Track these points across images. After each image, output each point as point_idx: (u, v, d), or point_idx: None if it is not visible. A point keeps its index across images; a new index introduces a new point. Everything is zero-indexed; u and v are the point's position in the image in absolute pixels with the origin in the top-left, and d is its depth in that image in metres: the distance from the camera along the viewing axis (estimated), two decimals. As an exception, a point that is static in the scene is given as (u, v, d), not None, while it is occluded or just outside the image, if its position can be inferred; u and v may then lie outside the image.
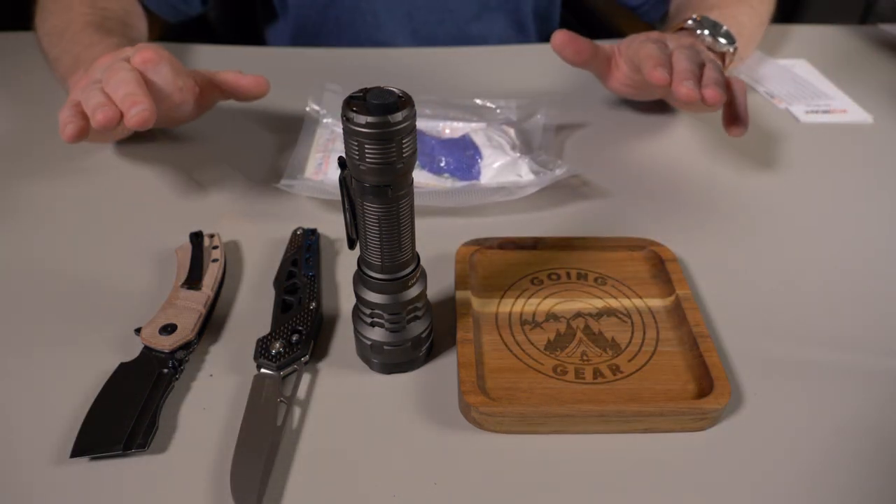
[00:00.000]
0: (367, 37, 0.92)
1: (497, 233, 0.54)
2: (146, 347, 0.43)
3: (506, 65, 0.84)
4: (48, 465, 0.37)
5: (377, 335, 0.42)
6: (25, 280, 0.50)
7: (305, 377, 0.43)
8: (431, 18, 0.91)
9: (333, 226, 0.56)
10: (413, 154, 0.36)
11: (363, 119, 0.33)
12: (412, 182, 0.37)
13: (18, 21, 0.78)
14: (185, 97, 0.58)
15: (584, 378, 0.42)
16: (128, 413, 0.39)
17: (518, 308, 0.47)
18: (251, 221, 0.57)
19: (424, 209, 0.57)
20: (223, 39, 0.95)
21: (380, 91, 0.34)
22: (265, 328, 0.45)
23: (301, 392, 0.42)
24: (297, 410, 0.41)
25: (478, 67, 0.82)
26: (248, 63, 0.80)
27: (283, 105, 0.72)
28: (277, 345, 0.42)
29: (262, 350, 0.42)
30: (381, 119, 0.33)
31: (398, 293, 0.40)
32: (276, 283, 0.49)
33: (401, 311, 0.41)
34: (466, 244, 0.52)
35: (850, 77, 0.81)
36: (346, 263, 0.53)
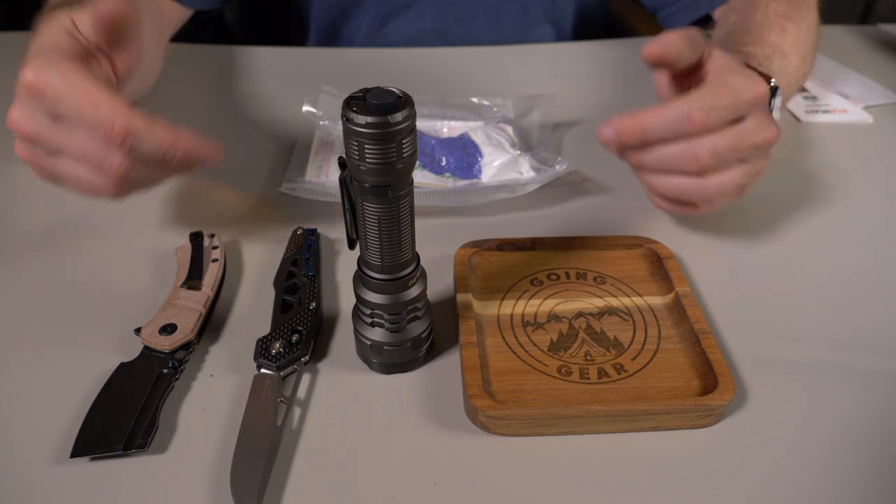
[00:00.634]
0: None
1: (497, 232, 0.54)
2: (146, 347, 0.43)
3: (502, 64, 0.84)
4: (48, 465, 0.37)
5: (377, 335, 0.42)
6: (25, 280, 0.50)
7: (305, 377, 0.43)
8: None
9: (333, 226, 0.56)
10: (413, 154, 0.36)
11: (363, 119, 0.33)
12: (412, 182, 0.37)
13: (18, 21, 0.78)
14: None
15: (589, 378, 0.42)
16: (128, 413, 0.39)
17: (519, 309, 0.47)
18: (251, 221, 0.57)
19: (425, 209, 0.57)
20: (239, 41, 0.95)
21: (380, 91, 0.34)
22: (265, 328, 0.45)
23: (301, 392, 0.42)
24: (297, 410, 0.41)
25: (473, 67, 0.82)
26: (248, 63, 0.81)
27: (282, 105, 0.72)
28: (277, 345, 0.42)
29: (262, 350, 0.42)
30: (381, 119, 0.33)
31: (398, 293, 0.40)
32: (276, 283, 0.49)
33: (401, 312, 0.41)
34: (464, 246, 0.52)
35: (850, 77, 0.81)
36: (346, 263, 0.53)
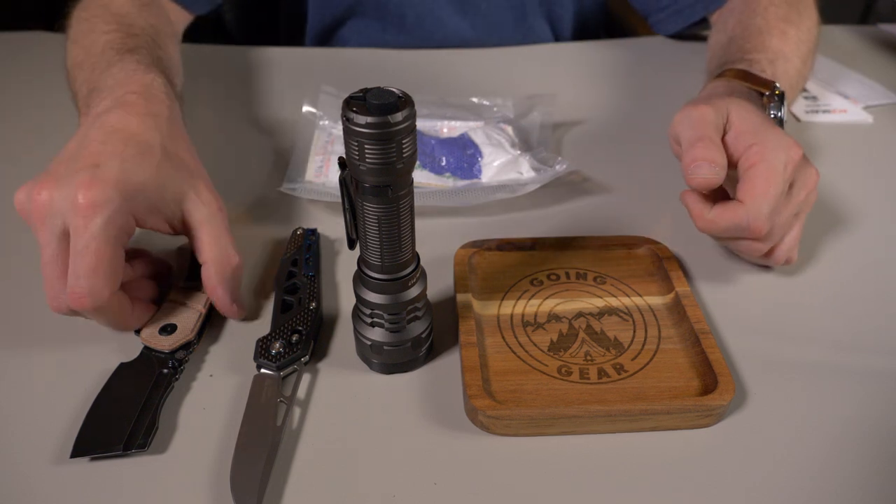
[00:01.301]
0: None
1: (497, 232, 0.54)
2: (146, 347, 0.43)
3: (502, 64, 0.84)
4: (48, 465, 0.37)
5: (377, 335, 0.42)
6: (25, 280, 0.50)
7: (305, 377, 0.43)
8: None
9: (333, 226, 0.56)
10: (413, 154, 0.36)
11: (363, 119, 0.33)
12: (412, 182, 0.37)
13: (18, 21, 0.78)
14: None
15: (589, 378, 0.42)
16: (128, 413, 0.39)
17: (519, 309, 0.47)
18: (251, 221, 0.57)
19: (425, 209, 0.57)
20: (238, 41, 0.95)
21: (380, 91, 0.34)
22: (265, 328, 0.45)
23: (301, 392, 0.42)
24: (297, 410, 0.41)
25: (473, 67, 0.82)
26: (248, 63, 0.81)
27: (282, 105, 0.72)
28: (277, 345, 0.42)
29: (262, 350, 0.42)
30: (381, 119, 0.33)
31: (398, 293, 0.40)
32: (276, 283, 0.49)
33: (401, 312, 0.41)
34: (464, 246, 0.52)
35: (850, 77, 0.81)
36: (346, 263, 0.53)
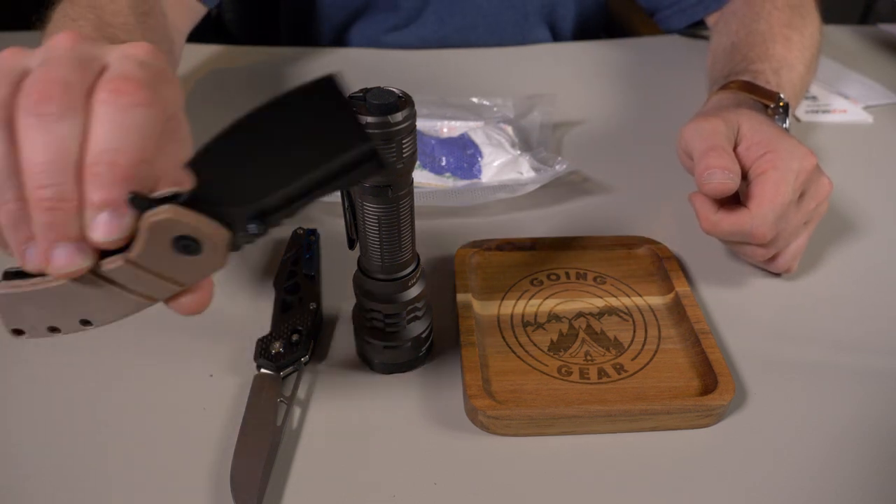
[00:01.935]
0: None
1: (497, 232, 0.54)
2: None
3: (502, 65, 0.84)
4: (48, 465, 0.37)
5: (377, 335, 0.42)
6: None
7: (305, 377, 0.43)
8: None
9: (333, 226, 0.56)
10: (413, 154, 0.36)
11: (363, 119, 0.33)
12: (412, 182, 0.37)
13: (18, 21, 0.78)
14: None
15: (589, 378, 0.42)
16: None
17: (519, 309, 0.47)
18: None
19: (425, 209, 0.57)
20: (238, 41, 0.94)
21: (380, 91, 0.34)
22: (265, 328, 0.45)
23: (301, 392, 0.42)
24: (297, 410, 0.41)
25: (473, 68, 0.82)
26: (248, 63, 0.81)
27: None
28: (277, 345, 0.42)
29: (262, 350, 0.42)
30: (381, 119, 0.33)
31: (398, 293, 0.40)
32: (276, 283, 0.49)
33: (401, 312, 0.41)
34: (464, 246, 0.52)
35: (850, 77, 0.81)
36: (347, 263, 0.52)
